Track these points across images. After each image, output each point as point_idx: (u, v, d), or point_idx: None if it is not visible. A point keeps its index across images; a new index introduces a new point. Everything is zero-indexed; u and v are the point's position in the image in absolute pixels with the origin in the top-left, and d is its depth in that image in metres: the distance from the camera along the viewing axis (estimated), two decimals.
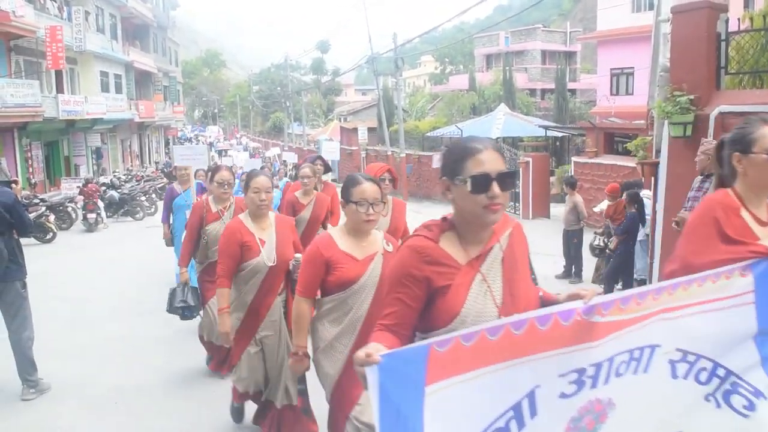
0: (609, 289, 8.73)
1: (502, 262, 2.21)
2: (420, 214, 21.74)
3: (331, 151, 14.68)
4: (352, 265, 3.37)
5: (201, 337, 6.07)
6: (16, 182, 5.98)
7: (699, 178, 6.67)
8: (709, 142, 6.56)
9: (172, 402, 5.54)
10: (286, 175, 18.05)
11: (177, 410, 5.36)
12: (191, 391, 5.76)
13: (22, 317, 5.53)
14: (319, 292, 3.53)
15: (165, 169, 33.89)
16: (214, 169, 6.10)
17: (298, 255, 4.27)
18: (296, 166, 13.91)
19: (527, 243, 2.37)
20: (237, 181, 7.70)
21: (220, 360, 5.96)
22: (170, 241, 8.64)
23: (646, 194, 9.27)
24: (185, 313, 5.95)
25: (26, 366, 5.55)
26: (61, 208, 17.90)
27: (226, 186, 5.75)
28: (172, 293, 5.90)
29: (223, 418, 5.15)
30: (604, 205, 10.78)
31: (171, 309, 5.91)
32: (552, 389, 1.99)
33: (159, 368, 6.39)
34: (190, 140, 58.08)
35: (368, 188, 3.38)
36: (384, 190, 3.96)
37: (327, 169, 7.56)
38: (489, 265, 2.19)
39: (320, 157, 7.65)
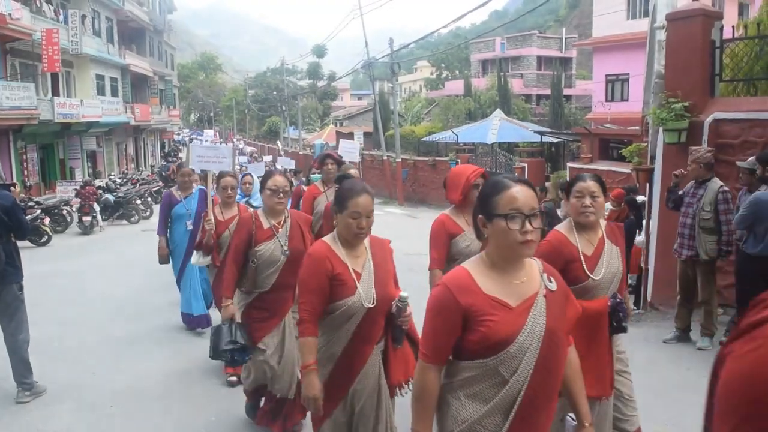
0: None
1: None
2: (416, 219, 21.80)
3: (350, 152, 13.09)
4: (503, 316, 2.28)
5: (246, 388, 5.02)
6: (14, 185, 6.00)
7: (692, 183, 6.72)
8: (698, 150, 6.60)
9: (167, 405, 5.53)
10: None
11: (173, 413, 5.36)
12: (187, 394, 5.76)
13: (19, 320, 5.53)
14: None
15: (162, 173, 33.82)
16: (266, 175, 5.01)
17: (403, 294, 3.25)
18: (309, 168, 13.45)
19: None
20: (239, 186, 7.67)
21: (273, 410, 4.81)
22: (166, 258, 7.62)
23: (640, 200, 9.31)
24: (236, 356, 4.59)
25: (21, 368, 5.55)
26: (56, 211, 17.87)
27: (281, 194, 4.62)
28: (217, 333, 4.59)
29: (221, 420, 5.16)
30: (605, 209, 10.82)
31: (216, 354, 4.58)
32: None
33: (154, 371, 6.39)
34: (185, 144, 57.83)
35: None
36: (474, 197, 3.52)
37: (339, 164, 6.87)
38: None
39: (329, 155, 7.02)
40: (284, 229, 4.60)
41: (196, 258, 6.43)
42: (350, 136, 38.02)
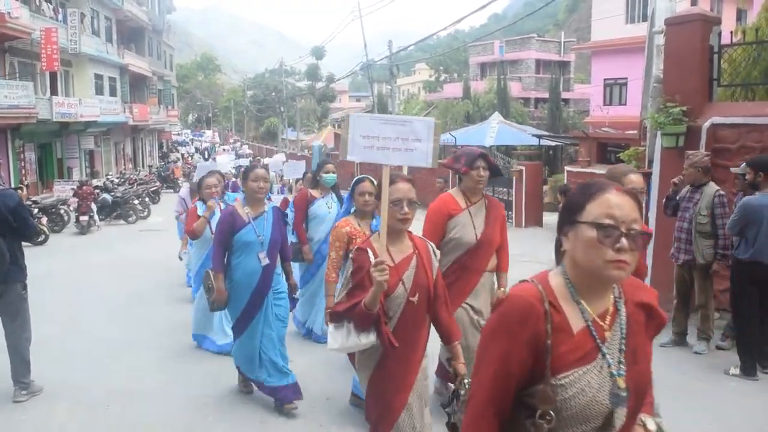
0: None
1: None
2: (416, 221, 21.67)
3: (294, 170, 11.10)
4: None
5: None
6: (21, 188, 6.00)
7: (688, 188, 6.73)
8: (694, 155, 6.62)
9: (164, 405, 5.53)
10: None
11: (169, 413, 5.36)
12: (184, 395, 5.75)
13: (22, 319, 5.53)
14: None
15: (161, 173, 33.78)
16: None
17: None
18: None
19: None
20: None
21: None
22: (224, 302, 5.32)
23: None
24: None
25: (21, 368, 5.55)
26: (53, 210, 17.85)
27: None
28: None
29: (216, 418, 5.16)
30: None
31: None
32: None
33: (151, 371, 6.39)
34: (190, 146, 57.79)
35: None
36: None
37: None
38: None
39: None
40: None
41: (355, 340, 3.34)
42: None
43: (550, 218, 17.32)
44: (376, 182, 4.22)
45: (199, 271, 7.11)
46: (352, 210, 5.31)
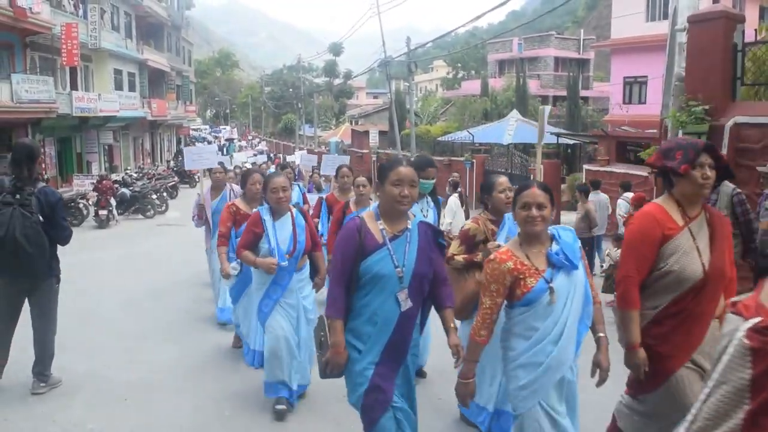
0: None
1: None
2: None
3: (308, 161, 15.61)
4: None
5: None
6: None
7: None
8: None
9: (181, 398, 5.55)
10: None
11: (186, 407, 5.38)
12: (201, 388, 5.77)
13: (52, 313, 5.56)
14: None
15: (176, 168, 33.96)
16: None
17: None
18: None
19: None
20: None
21: None
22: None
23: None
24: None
25: (44, 360, 5.58)
26: (72, 204, 17.99)
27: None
28: None
29: (233, 414, 5.17)
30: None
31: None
32: None
33: (168, 364, 6.42)
34: (211, 142, 57.89)
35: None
36: None
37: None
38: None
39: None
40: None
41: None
42: (366, 134, 38.11)
43: (568, 217, 17.21)
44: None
45: (238, 293, 6.25)
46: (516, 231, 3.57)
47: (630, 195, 11.53)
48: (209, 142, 60.15)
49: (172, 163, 38.20)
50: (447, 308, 3.61)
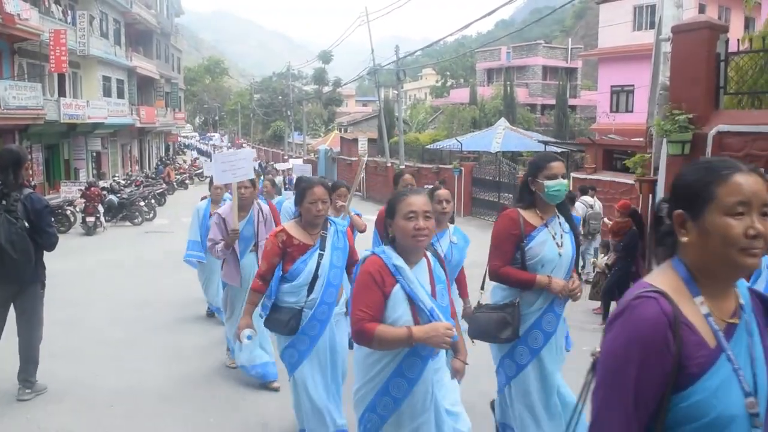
0: (606, 305, 8.75)
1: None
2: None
3: (303, 170, 14.40)
4: None
5: None
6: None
7: None
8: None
9: (168, 405, 5.55)
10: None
11: (173, 414, 5.37)
12: (188, 395, 5.77)
13: (37, 318, 5.54)
14: None
15: (155, 176, 33.81)
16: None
17: None
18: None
19: None
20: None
21: None
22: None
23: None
24: None
25: (29, 367, 5.56)
26: (59, 211, 17.92)
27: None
28: None
29: (219, 421, 5.17)
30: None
31: None
32: None
33: (155, 372, 6.40)
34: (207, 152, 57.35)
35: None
36: None
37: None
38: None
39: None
40: None
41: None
42: (355, 142, 38.12)
43: None
44: None
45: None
46: None
47: (587, 198, 11.73)
48: (200, 150, 59.97)
49: (152, 172, 37.96)
50: None
